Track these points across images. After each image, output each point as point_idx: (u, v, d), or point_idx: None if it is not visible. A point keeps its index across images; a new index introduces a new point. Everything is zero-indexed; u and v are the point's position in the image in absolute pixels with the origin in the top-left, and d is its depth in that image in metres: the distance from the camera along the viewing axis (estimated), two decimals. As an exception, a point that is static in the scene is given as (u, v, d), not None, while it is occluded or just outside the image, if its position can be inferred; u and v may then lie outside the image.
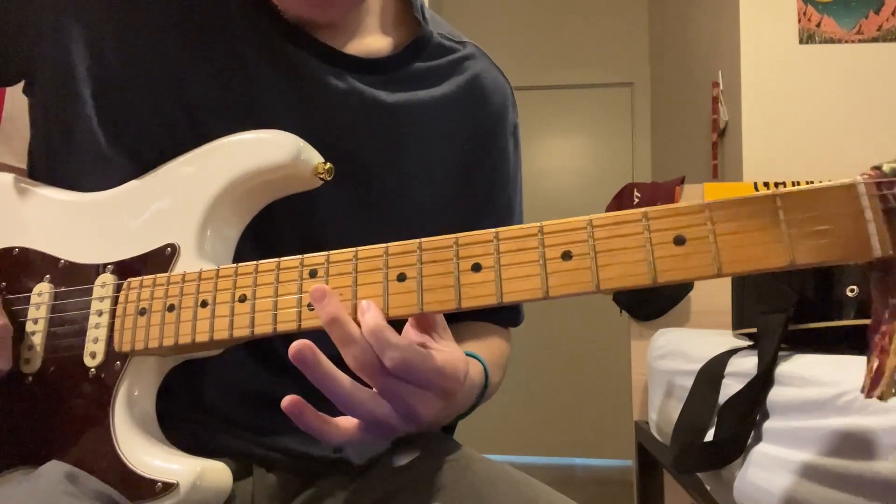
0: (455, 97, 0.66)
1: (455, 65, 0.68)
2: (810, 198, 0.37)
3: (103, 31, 0.58)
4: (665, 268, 0.38)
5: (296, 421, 0.44)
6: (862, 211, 0.36)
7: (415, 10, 0.67)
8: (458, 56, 0.68)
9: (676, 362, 1.39)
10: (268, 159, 0.53)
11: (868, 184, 0.36)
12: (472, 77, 0.68)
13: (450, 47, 0.68)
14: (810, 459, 0.73)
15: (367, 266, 0.45)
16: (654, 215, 0.39)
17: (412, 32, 0.67)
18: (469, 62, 0.69)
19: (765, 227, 0.37)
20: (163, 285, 0.51)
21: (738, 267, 0.38)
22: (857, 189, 0.37)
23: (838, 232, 0.36)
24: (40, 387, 0.54)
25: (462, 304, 0.42)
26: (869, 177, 0.37)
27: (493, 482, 0.52)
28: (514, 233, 0.42)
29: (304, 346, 0.42)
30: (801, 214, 0.37)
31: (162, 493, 0.47)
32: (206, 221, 0.54)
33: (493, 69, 0.71)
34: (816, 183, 0.39)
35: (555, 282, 0.40)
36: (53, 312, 0.55)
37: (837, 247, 0.36)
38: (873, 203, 0.36)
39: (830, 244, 0.37)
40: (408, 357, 0.42)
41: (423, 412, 0.45)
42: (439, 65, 0.67)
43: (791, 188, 0.38)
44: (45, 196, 0.60)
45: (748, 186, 1.93)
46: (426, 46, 0.66)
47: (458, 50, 0.69)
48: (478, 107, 0.68)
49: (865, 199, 0.36)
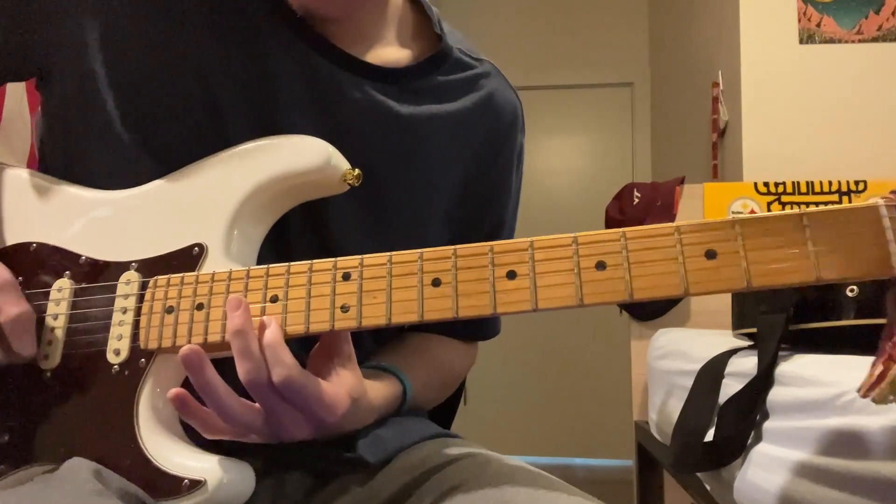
0: (468, 113, 0.67)
1: (472, 81, 0.68)
2: (835, 217, 0.40)
3: (125, 32, 0.58)
4: (696, 280, 0.41)
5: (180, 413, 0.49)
6: (884, 231, 0.39)
7: (434, 25, 0.67)
8: (474, 73, 0.69)
9: (676, 362, 1.39)
10: (298, 164, 0.54)
11: (889, 206, 0.40)
12: (486, 95, 0.68)
13: (468, 63, 0.69)
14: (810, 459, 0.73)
15: (402, 270, 0.46)
16: (685, 229, 0.41)
17: (431, 46, 0.67)
18: (484, 80, 0.69)
19: (792, 243, 0.40)
20: (191, 284, 0.51)
21: (767, 281, 0.40)
22: (879, 210, 0.39)
23: (861, 250, 0.39)
24: (59, 383, 0.54)
25: (497, 309, 0.44)
26: (889, 199, 0.40)
27: (512, 477, 0.52)
28: (549, 242, 0.44)
29: (192, 352, 0.46)
30: (826, 233, 0.40)
31: (189, 491, 0.47)
32: (234, 222, 0.54)
33: (507, 89, 0.72)
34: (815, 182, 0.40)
35: (589, 290, 0.42)
36: (74, 309, 0.55)
37: (860, 263, 0.39)
38: (894, 224, 0.39)
39: (854, 261, 0.39)
40: (294, 377, 0.45)
41: (292, 432, 0.48)
42: (456, 80, 0.67)
43: (817, 208, 0.40)
44: (63, 192, 0.60)
45: (748, 186, 1.93)
46: (446, 60, 0.67)
47: (476, 67, 0.69)
48: (488, 124, 0.69)
49: (887, 220, 0.39)
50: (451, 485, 0.51)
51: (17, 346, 0.53)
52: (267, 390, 0.46)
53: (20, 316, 0.53)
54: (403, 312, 0.46)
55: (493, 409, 3.53)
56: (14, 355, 0.53)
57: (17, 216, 0.60)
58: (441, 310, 0.45)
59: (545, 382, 3.55)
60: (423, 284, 0.46)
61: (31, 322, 0.54)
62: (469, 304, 0.44)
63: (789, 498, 0.76)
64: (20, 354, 0.53)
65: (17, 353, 0.53)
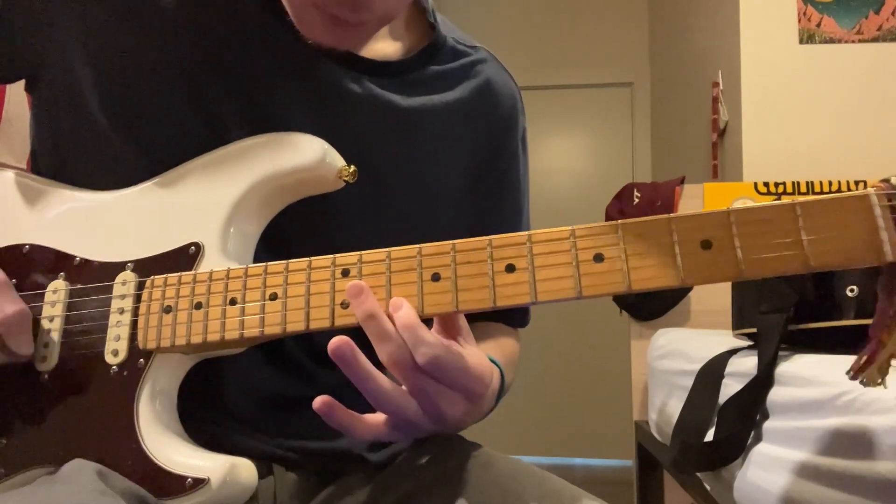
0: (467, 101, 0.67)
1: (468, 69, 0.68)
2: (827, 207, 0.40)
3: (108, 35, 0.58)
4: (692, 270, 0.41)
5: (326, 418, 0.45)
6: (875, 219, 0.40)
7: (427, 15, 0.67)
8: (470, 60, 0.69)
9: (676, 362, 1.39)
10: (293, 161, 0.53)
11: (880, 194, 0.40)
12: (483, 81, 0.68)
13: (462, 51, 0.69)
14: (810, 459, 0.73)
15: (401, 266, 0.46)
16: (680, 221, 0.42)
17: (425, 37, 0.67)
18: (480, 66, 0.69)
19: (786, 233, 0.40)
20: (189, 283, 0.51)
21: (760, 271, 0.40)
22: (870, 199, 0.40)
23: (853, 238, 0.40)
24: (57, 385, 0.54)
25: (497, 303, 0.44)
26: (880, 188, 0.41)
27: (516, 478, 0.52)
28: (547, 236, 0.44)
29: (344, 343, 0.43)
30: (819, 221, 0.40)
31: (192, 489, 0.47)
32: (230, 221, 0.54)
33: (504, 73, 0.72)
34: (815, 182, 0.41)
35: (588, 282, 0.43)
36: (70, 310, 0.55)
37: (852, 251, 0.40)
38: (885, 212, 0.40)
39: (846, 249, 0.40)
40: (439, 355, 0.44)
41: (450, 412, 0.46)
42: (452, 68, 0.67)
43: (810, 198, 0.41)
44: (56, 193, 0.59)
45: (748, 186, 1.93)
46: (440, 50, 0.67)
47: (470, 54, 0.69)
48: (489, 111, 0.68)
49: (878, 209, 0.40)
50: (456, 486, 0.51)
51: (14, 345, 0.53)
52: (413, 371, 0.44)
53: (15, 315, 0.52)
54: None
55: (494, 409, 3.53)
56: (11, 355, 0.53)
57: (9, 218, 0.60)
58: (441, 304, 0.45)
59: (545, 382, 3.55)
60: (423, 279, 0.46)
61: (28, 320, 0.54)
62: (469, 298, 0.45)
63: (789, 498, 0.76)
64: (17, 354, 0.53)
65: (14, 352, 0.53)
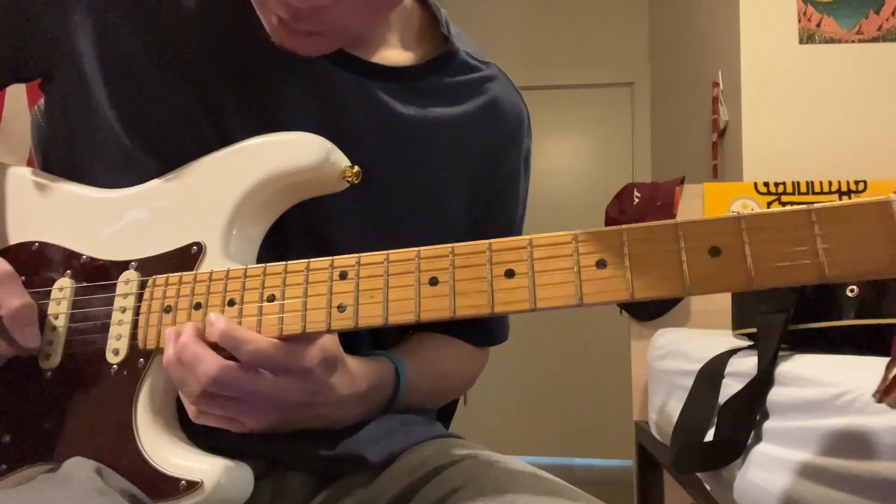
0: (471, 117, 0.66)
1: (477, 84, 0.68)
2: (845, 213, 0.37)
3: (121, 33, 0.58)
4: (699, 279, 0.39)
5: None
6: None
7: (441, 27, 0.67)
8: (480, 76, 0.68)
9: (676, 362, 1.39)
10: (297, 161, 0.53)
11: None
12: (490, 99, 0.68)
13: (474, 66, 0.68)
14: (810, 459, 0.73)
15: (399, 269, 0.45)
16: (688, 226, 0.40)
17: (436, 48, 0.67)
18: (490, 84, 0.69)
19: (800, 240, 0.38)
20: (189, 283, 0.51)
21: (772, 280, 0.38)
22: (892, 206, 0.37)
23: (872, 247, 0.37)
24: (59, 382, 0.54)
25: (495, 309, 0.42)
26: None
27: (514, 478, 0.52)
28: (548, 240, 0.42)
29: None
30: (835, 229, 0.37)
31: (186, 492, 0.47)
32: (233, 221, 0.54)
33: (513, 92, 0.71)
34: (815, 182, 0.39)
35: (589, 289, 0.41)
36: (75, 308, 0.55)
37: (871, 261, 0.37)
38: None
39: (864, 259, 0.37)
40: (259, 346, 0.46)
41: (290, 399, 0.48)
42: (461, 82, 0.67)
43: (826, 203, 0.38)
44: (64, 191, 0.59)
45: (748, 186, 1.93)
46: (451, 62, 0.66)
47: (481, 69, 0.69)
48: (492, 129, 0.68)
49: None
50: (454, 486, 0.51)
51: (21, 338, 0.53)
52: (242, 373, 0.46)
53: (22, 308, 0.52)
54: (400, 312, 0.45)
55: (493, 409, 3.53)
56: (18, 348, 0.53)
57: (20, 215, 0.60)
58: (438, 309, 0.44)
59: (545, 382, 3.55)
60: (421, 283, 0.44)
61: (34, 314, 0.54)
62: (467, 304, 0.43)
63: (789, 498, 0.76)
64: (24, 347, 0.53)
65: (20, 345, 0.53)
